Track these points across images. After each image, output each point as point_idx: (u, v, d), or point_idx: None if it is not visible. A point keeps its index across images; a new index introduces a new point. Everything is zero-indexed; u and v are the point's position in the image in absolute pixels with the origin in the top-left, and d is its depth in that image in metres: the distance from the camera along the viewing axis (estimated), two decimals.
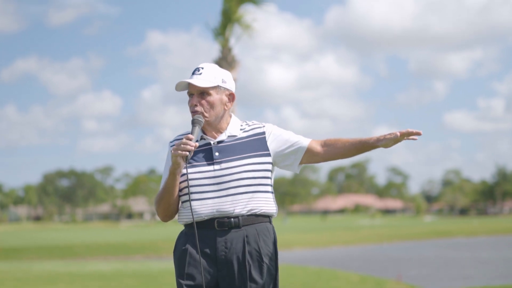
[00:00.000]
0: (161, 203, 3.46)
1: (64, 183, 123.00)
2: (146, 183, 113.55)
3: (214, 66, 3.49)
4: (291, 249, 33.53)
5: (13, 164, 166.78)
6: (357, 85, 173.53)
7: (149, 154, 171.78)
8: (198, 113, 3.42)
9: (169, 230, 53.57)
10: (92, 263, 23.94)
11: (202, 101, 3.42)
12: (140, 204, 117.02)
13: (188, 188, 3.37)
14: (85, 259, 28.71)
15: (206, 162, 3.42)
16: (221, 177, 3.38)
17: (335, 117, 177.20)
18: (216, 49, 18.30)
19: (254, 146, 3.45)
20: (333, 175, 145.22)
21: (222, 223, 3.37)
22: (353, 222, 76.74)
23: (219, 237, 3.37)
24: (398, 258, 25.44)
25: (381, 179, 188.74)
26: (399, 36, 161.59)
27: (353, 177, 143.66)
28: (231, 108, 3.53)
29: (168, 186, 3.40)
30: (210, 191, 3.38)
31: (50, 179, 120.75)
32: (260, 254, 3.39)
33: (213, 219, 3.38)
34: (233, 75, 17.67)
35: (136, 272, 18.05)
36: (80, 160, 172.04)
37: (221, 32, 18.19)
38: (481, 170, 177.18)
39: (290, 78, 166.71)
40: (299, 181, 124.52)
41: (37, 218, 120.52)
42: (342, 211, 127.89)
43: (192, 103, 3.44)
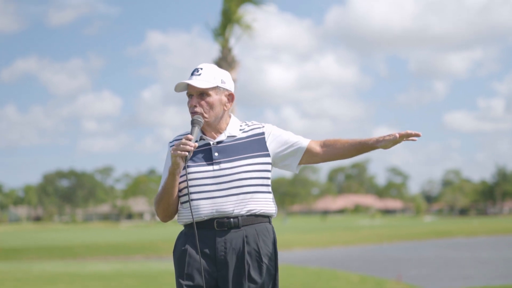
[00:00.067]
0: (161, 203, 3.46)
1: (64, 183, 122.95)
2: (146, 184, 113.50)
3: (213, 67, 3.49)
4: (291, 249, 33.53)
5: (13, 164, 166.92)
6: (357, 85, 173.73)
7: (149, 154, 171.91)
8: (197, 113, 3.42)
9: (169, 230, 53.55)
10: (92, 264, 23.93)
11: (202, 102, 3.43)
12: (140, 204, 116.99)
13: (187, 188, 3.37)
14: (85, 260, 28.70)
15: (205, 163, 3.42)
16: (220, 177, 3.38)
17: (335, 117, 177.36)
18: (216, 49, 18.31)
19: (254, 147, 3.46)
20: (333, 175, 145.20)
21: (221, 223, 3.37)
22: (353, 222, 76.72)
23: (219, 237, 3.37)
24: (398, 258, 25.43)
25: (381, 179, 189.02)
26: (399, 36, 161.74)
27: (353, 177, 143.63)
28: (231, 108, 3.53)
29: (168, 187, 3.41)
30: (210, 191, 3.38)
31: (50, 179, 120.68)
32: (259, 254, 3.39)
33: (213, 219, 3.38)
34: (233, 75, 17.73)
35: (136, 272, 18.04)
36: (80, 160, 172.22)
37: (221, 32, 18.20)
38: (481, 170, 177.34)
39: (290, 78, 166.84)
40: (299, 181, 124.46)
41: (37, 219, 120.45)
42: (342, 211, 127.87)
43: (191, 104, 3.44)
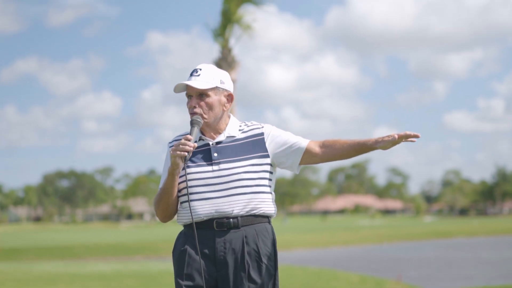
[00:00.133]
0: (160, 203, 3.47)
1: (64, 183, 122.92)
2: (146, 184, 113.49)
3: (212, 67, 3.49)
4: (291, 249, 33.52)
5: (13, 165, 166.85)
6: (357, 86, 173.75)
7: (149, 154, 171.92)
8: (197, 114, 3.43)
9: (169, 230, 53.53)
10: (92, 264, 23.92)
11: (201, 103, 3.43)
12: (140, 204, 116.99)
13: (187, 188, 3.38)
14: (85, 260, 28.69)
15: (205, 163, 3.42)
16: (220, 178, 3.38)
17: (335, 118, 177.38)
18: (216, 50, 18.35)
19: (253, 147, 3.46)
20: (333, 175, 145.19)
21: (221, 223, 3.38)
22: (353, 223, 76.73)
23: (218, 237, 3.38)
24: (398, 259, 25.43)
25: (381, 179, 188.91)
26: (399, 36, 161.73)
27: (353, 178, 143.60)
28: (230, 109, 3.54)
29: (167, 187, 3.41)
30: (209, 192, 3.38)
31: (50, 179, 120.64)
32: (259, 254, 3.39)
33: (212, 220, 3.38)
34: (233, 75, 17.74)
35: (136, 272, 18.04)
36: (80, 160, 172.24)
37: (221, 32, 18.21)
38: (481, 170, 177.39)
39: (290, 79, 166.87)
40: (299, 182, 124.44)
41: (37, 219, 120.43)
42: (342, 211, 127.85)
43: (191, 104, 3.44)
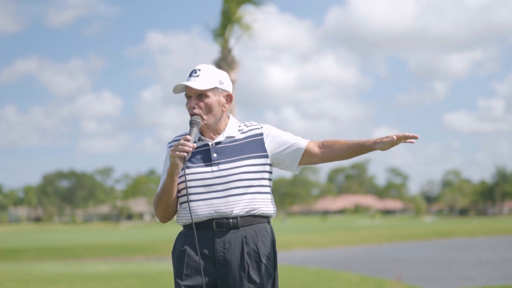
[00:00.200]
0: (160, 204, 3.47)
1: (64, 184, 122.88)
2: (146, 184, 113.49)
3: (211, 68, 3.49)
4: (291, 249, 33.52)
5: (13, 165, 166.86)
6: (357, 86, 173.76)
7: (149, 155, 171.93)
8: (196, 115, 3.43)
9: (169, 231, 53.52)
10: (92, 264, 23.92)
11: (200, 104, 3.43)
12: (140, 205, 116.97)
13: (186, 189, 3.38)
14: (85, 260, 28.69)
15: (204, 163, 3.42)
16: (219, 178, 3.38)
17: (335, 118, 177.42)
18: (216, 50, 18.34)
19: (252, 148, 3.46)
20: (333, 175, 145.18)
21: (220, 223, 3.38)
22: (353, 223, 76.73)
23: (218, 238, 3.38)
24: (398, 259, 25.44)
25: (381, 179, 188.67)
26: (399, 36, 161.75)
27: (353, 178, 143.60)
28: (229, 109, 3.53)
29: (166, 187, 3.41)
30: (208, 192, 3.38)
31: (50, 180, 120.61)
32: (258, 254, 3.39)
33: (212, 220, 3.39)
34: (233, 75, 17.74)
35: (136, 273, 18.04)
36: (80, 161, 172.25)
37: (221, 33, 18.21)
38: (480, 170, 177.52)
39: (290, 79, 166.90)
40: (299, 182, 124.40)
41: (37, 219, 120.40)
42: (342, 211, 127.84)
43: (190, 105, 3.44)
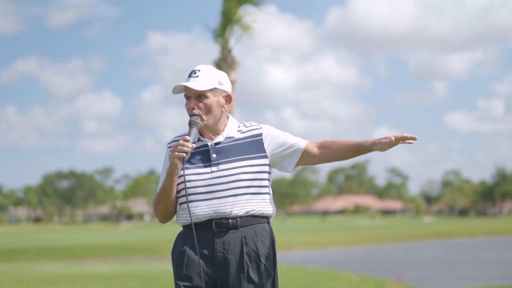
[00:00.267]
0: (159, 204, 3.47)
1: (64, 184, 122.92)
2: (146, 184, 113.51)
3: (211, 68, 3.50)
4: (291, 250, 33.52)
5: (13, 165, 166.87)
6: (357, 86, 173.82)
7: (149, 155, 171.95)
8: (195, 115, 3.43)
9: (168, 231, 53.51)
10: (92, 264, 23.91)
11: (200, 104, 3.43)
12: (140, 205, 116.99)
13: (185, 189, 3.38)
14: (85, 260, 28.68)
15: (203, 164, 3.43)
16: (218, 179, 3.39)
17: (335, 118, 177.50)
18: (216, 50, 18.34)
19: (251, 148, 3.46)
20: (333, 176, 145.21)
21: (220, 224, 3.38)
22: (353, 223, 76.73)
23: (217, 238, 3.38)
24: (398, 259, 25.42)
25: (380, 180, 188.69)
26: (399, 37, 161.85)
27: (353, 178, 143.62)
28: (229, 109, 3.54)
29: (166, 188, 3.41)
30: (208, 193, 3.39)
31: (50, 180, 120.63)
32: (258, 255, 3.39)
33: (211, 220, 3.39)
34: (233, 76, 17.75)
35: (136, 273, 18.04)
36: (80, 161, 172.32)
37: (221, 33, 18.22)
38: (480, 171, 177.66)
39: (290, 79, 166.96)
40: (299, 182, 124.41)
41: (36, 219, 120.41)
42: (342, 212, 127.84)
43: (189, 106, 3.44)
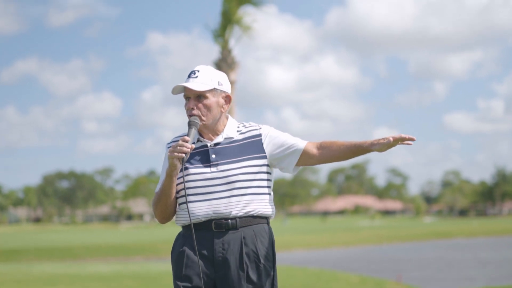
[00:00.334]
0: (159, 205, 3.47)
1: (63, 184, 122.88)
2: (146, 185, 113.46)
3: (210, 69, 3.49)
4: (291, 250, 33.53)
5: (12, 165, 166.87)
6: (357, 86, 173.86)
7: (149, 155, 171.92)
8: (195, 115, 3.43)
9: (168, 231, 53.51)
10: (92, 265, 23.91)
11: (199, 105, 3.43)
12: (140, 205, 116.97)
13: (185, 190, 3.38)
14: (85, 261, 28.68)
15: (203, 164, 3.43)
16: (218, 179, 3.39)
17: (335, 118, 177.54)
18: (216, 51, 18.34)
19: (251, 148, 3.46)
20: (333, 176, 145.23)
21: (219, 224, 3.38)
22: (353, 223, 76.75)
23: (217, 238, 3.38)
24: (398, 259, 25.43)
25: (380, 180, 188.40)
26: (399, 37, 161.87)
27: (353, 178, 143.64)
28: (228, 110, 3.54)
29: (165, 188, 3.41)
30: (207, 193, 3.39)
31: (50, 180, 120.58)
32: (257, 255, 3.39)
33: (211, 221, 3.39)
34: (233, 76, 17.75)
35: (135, 273, 18.04)
36: (80, 161, 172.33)
37: (221, 33, 18.21)
38: (480, 171, 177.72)
39: (290, 79, 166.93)
40: (299, 182, 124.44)
41: (36, 220, 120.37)
42: (342, 212, 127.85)
43: (189, 106, 3.44)
